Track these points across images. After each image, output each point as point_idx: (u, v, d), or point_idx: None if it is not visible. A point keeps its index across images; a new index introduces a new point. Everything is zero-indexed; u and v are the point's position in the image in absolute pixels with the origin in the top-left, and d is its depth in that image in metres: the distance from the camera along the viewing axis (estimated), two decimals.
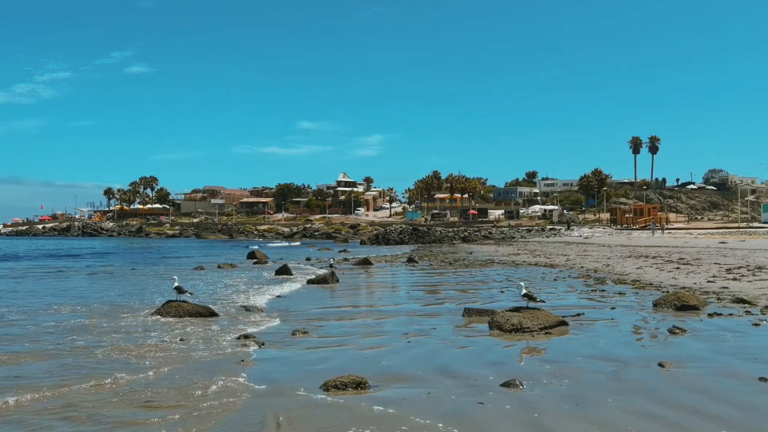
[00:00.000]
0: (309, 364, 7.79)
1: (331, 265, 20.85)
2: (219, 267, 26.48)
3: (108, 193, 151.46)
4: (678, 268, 21.44)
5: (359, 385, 6.60)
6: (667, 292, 14.56)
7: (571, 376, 6.78)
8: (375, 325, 10.97)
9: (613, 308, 12.09)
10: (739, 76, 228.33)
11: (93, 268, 28.36)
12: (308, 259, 34.24)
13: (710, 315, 10.81)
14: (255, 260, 31.57)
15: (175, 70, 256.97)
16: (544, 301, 10.77)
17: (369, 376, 6.88)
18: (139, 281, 21.07)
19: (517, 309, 10.39)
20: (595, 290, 15.54)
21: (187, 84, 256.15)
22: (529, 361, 7.77)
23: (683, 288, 15.32)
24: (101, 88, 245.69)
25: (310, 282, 19.30)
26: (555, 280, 19.03)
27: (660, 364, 7.17)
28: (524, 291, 10.60)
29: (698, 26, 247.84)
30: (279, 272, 21.97)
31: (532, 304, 10.43)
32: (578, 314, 11.28)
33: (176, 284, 12.02)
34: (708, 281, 16.55)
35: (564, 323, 10.06)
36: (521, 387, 6.39)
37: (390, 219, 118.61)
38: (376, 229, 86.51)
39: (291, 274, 21.60)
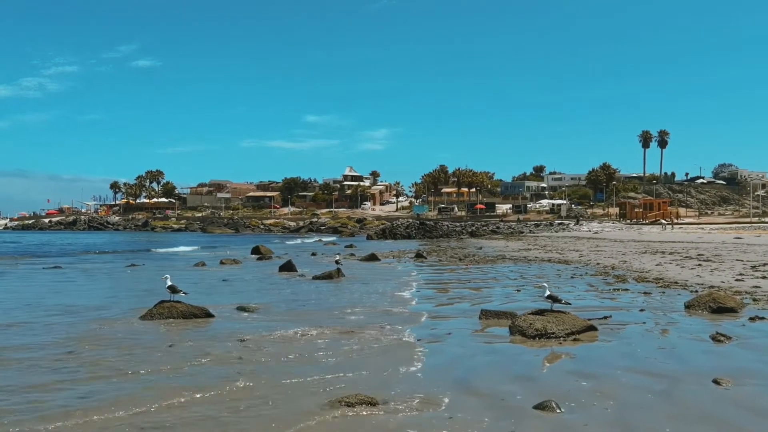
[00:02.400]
0: (309, 374, 6.88)
1: (337, 261, 19.96)
2: (221, 263, 25.64)
3: (114, 186, 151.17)
4: (700, 264, 20.49)
5: (369, 404, 5.71)
6: (695, 291, 13.65)
7: (615, 397, 5.82)
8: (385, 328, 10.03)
9: (641, 310, 11.14)
10: (748, 71, 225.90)
11: (90, 264, 27.60)
12: (314, 254, 33.40)
13: (751, 319, 9.85)
14: (259, 255, 30.73)
15: (181, 64, 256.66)
16: (569, 303, 9.82)
17: (379, 392, 6.00)
18: (136, 279, 20.26)
19: (540, 312, 9.48)
20: (618, 289, 14.58)
21: (194, 77, 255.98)
22: (560, 375, 6.82)
23: (711, 287, 14.38)
24: (108, 81, 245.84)
25: (315, 278, 18.48)
26: (572, 277, 18.09)
27: (715, 381, 6.21)
28: (548, 292, 9.66)
29: (708, 21, 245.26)
30: (282, 269, 21.10)
31: (557, 306, 9.51)
32: (605, 317, 10.35)
33: (169, 283, 11.16)
34: (736, 279, 15.58)
35: (593, 328, 9.12)
36: (558, 410, 5.43)
37: (396, 213, 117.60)
38: (382, 224, 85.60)
39: (295, 271, 20.73)
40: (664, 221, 67.70)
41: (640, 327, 9.50)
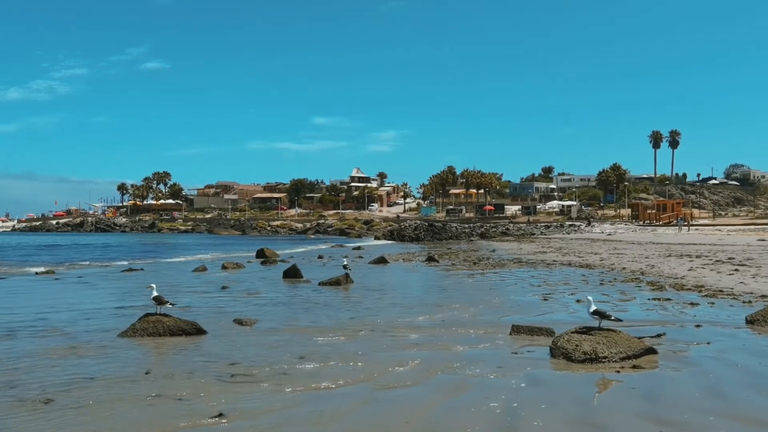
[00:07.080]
0: (297, 424, 5.43)
1: (345, 266, 18.55)
2: (223, 267, 24.25)
3: (121, 188, 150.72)
4: (737, 269, 18.96)
5: None
6: (748, 302, 12.21)
7: None
8: (398, 349, 8.60)
9: (698, 326, 9.65)
10: (759, 71, 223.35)
11: (85, 270, 26.31)
12: (320, 257, 31.99)
13: None
14: (263, 259, 29.35)
15: (190, 66, 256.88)
16: (620, 320, 8.34)
17: None
18: (130, 286, 18.91)
19: (585, 329, 8.03)
20: (659, 299, 13.07)
21: (202, 79, 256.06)
22: (632, 420, 5.30)
23: (763, 296, 12.92)
24: (117, 84, 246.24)
25: (321, 284, 17.11)
26: (600, 284, 16.61)
27: None
28: (593, 307, 8.20)
29: (718, 22, 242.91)
30: (287, 274, 19.68)
31: (605, 324, 8.05)
32: (659, 335, 8.89)
33: (154, 294, 9.80)
34: None
35: (652, 351, 7.65)
36: None
37: (404, 215, 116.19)
38: (390, 225, 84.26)
39: (301, 277, 19.31)
40: (681, 221, 65.98)
41: (706, 349, 8.01)
